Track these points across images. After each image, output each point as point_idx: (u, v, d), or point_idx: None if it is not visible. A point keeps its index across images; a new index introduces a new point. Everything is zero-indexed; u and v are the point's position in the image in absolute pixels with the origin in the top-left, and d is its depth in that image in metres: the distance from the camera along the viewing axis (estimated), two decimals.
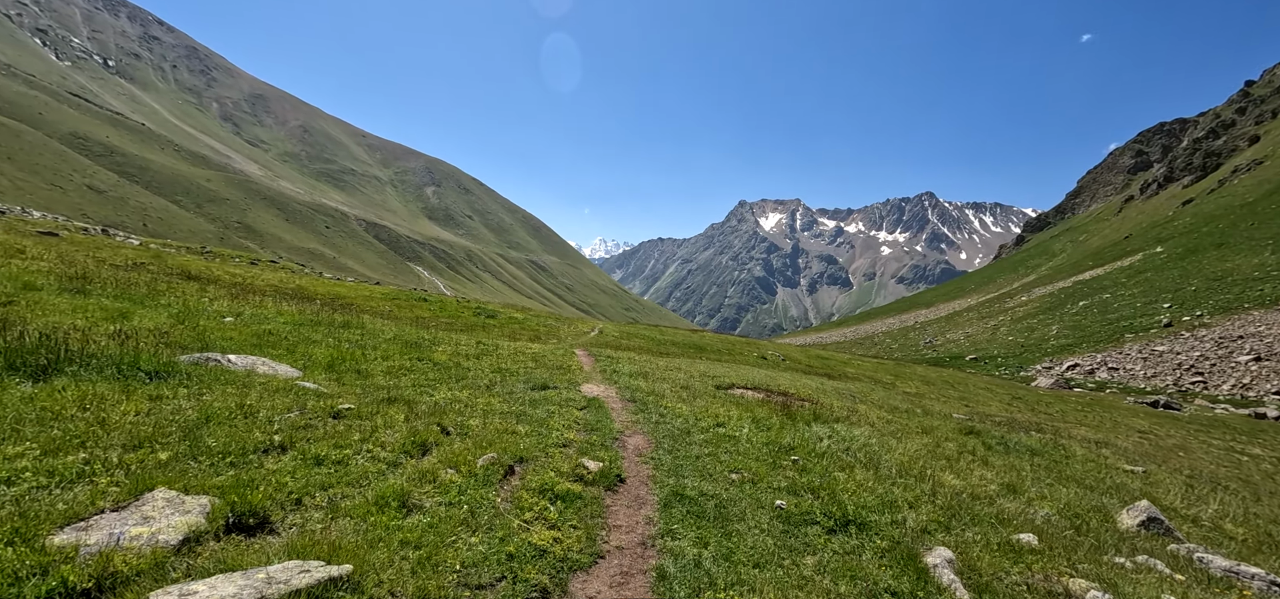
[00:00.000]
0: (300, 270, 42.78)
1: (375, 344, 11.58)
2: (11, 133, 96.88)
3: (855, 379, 22.76)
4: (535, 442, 7.11)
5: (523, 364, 12.71)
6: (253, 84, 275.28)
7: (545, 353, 15.27)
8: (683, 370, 15.74)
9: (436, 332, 16.32)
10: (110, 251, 21.41)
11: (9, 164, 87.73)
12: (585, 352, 17.93)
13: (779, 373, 20.49)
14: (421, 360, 10.76)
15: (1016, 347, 55.96)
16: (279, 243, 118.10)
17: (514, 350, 14.61)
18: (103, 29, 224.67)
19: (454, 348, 13.02)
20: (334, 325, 13.33)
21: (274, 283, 23.35)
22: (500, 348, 14.58)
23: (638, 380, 12.86)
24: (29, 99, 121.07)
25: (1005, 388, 28.36)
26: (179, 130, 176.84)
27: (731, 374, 16.61)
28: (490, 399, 8.86)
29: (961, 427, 13.05)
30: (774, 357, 28.46)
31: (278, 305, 15.52)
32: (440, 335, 15.00)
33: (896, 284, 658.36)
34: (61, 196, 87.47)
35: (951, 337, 72.11)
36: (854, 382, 21.41)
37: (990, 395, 22.78)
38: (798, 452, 8.18)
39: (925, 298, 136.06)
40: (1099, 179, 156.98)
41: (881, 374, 27.08)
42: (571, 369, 13.36)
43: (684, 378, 14.29)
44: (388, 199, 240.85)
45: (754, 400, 12.38)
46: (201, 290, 15.86)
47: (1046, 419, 17.58)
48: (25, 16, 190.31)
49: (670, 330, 38.17)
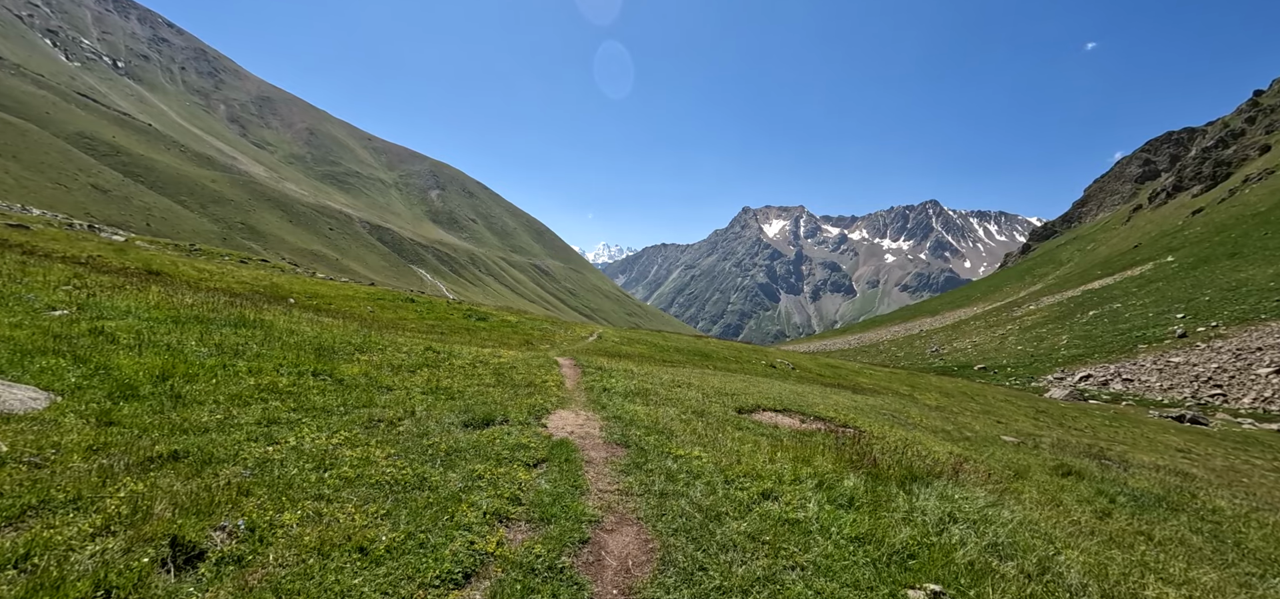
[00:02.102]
0: (291, 270, 42.35)
1: (262, 351, 8.80)
2: (18, 132, 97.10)
3: (872, 390, 21.91)
4: (380, 584, 3.76)
5: (475, 381, 9.97)
6: (260, 86, 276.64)
7: (517, 363, 12.71)
8: (693, 387, 13.43)
9: (384, 334, 13.97)
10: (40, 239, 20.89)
11: (14, 162, 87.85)
12: (572, 362, 15.42)
13: (802, 387, 18.66)
14: (319, 375, 8.12)
15: (1026, 356, 55.04)
16: (282, 244, 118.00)
17: (472, 360, 12.09)
18: (113, 30, 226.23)
19: (386, 357, 10.45)
20: (222, 324, 10.29)
21: (245, 281, 22.74)
22: (455, 357, 11.99)
23: (633, 404, 10.27)
24: (37, 99, 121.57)
25: (1024, 400, 27.51)
26: (186, 131, 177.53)
27: (750, 391, 14.50)
28: (374, 450, 5.84)
29: (1052, 466, 10.57)
30: (784, 365, 27.72)
31: (167, 297, 12.07)
32: (381, 340, 12.37)
33: (900, 292, 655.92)
34: (65, 195, 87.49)
35: (958, 345, 71.17)
36: (874, 395, 20.25)
37: (1013, 409, 21.94)
38: (924, 564, 5.13)
39: (930, 306, 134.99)
40: (1106, 188, 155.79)
41: (897, 384, 26.26)
42: (545, 387, 10.63)
43: (696, 397, 11.90)
44: (392, 202, 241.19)
45: (792, 431, 10.14)
46: (73, 277, 12.47)
47: (1095, 440, 16.30)
48: (36, 17, 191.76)
49: (674, 336, 37.44)
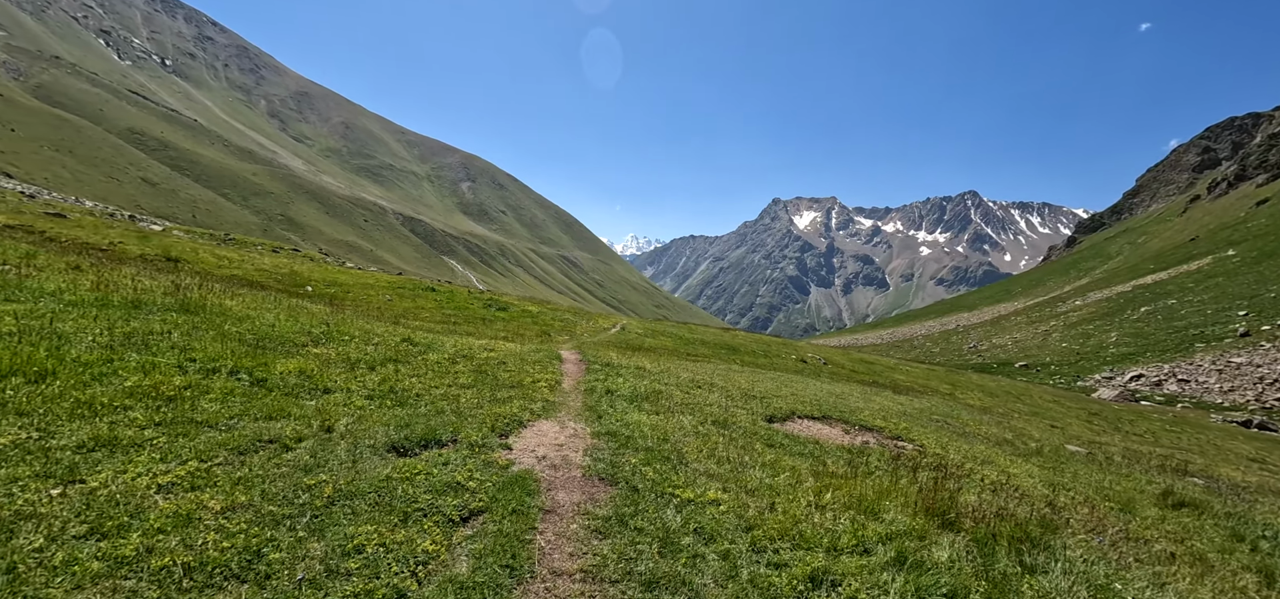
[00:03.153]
0: (321, 260, 43.03)
1: (181, 343, 7.52)
2: (74, 128, 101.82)
3: (911, 389, 20.79)
4: None
5: (446, 382, 8.71)
6: (299, 82, 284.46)
7: (509, 359, 11.23)
8: (716, 388, 11.73)
9: (363, 323, 12.58)
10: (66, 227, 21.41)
11: (70, 157, 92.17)
12: (577, 357, 13.62)
13: (839, 387, 17.12)
14: (237, 374, 6.85)
15: (1071, 354, 52.56)
16: (320, 235, 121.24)
17: (453, 354, 10.65)
18: (161, 30, 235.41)
19: (345, 351, 9.17)
20: (154, 311, 8.82)
21: (265, 269, 22.88)
22: (433, 351, 10.60)
23: (638, 413, 8.60)
24: (91, 96, 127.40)
25: (1073, 401, 25.98)
26: (229, 126, 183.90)
27: (782, 393, 12.73)
28: (212, 497, 4.30)
29: (1156, 493, 9.00)
30: (815, 360, 26.81)
31: (105, 280, 10.32)
32: (350, 330, 10.89)
33: (936, 286, 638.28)
34: (117, 188, 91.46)
35: (998, 342, 68.52)
36: (916, 395, 18.90)
37: (1063, 411, 20.62)
38: None
39: (968, 300, 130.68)
40: (1160, 178, 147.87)
41: (935, 382, 25.08)
42: (532, 389, 9.20)
43: (718, 402, 10.23)
44: (424, 194, 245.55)
45: (838, 447, 8.45)
46: (23, 259, 11.33)
47: (1163, 448, 14.77)
48: (91, 18, 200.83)
49: (700, 329, 36.75)
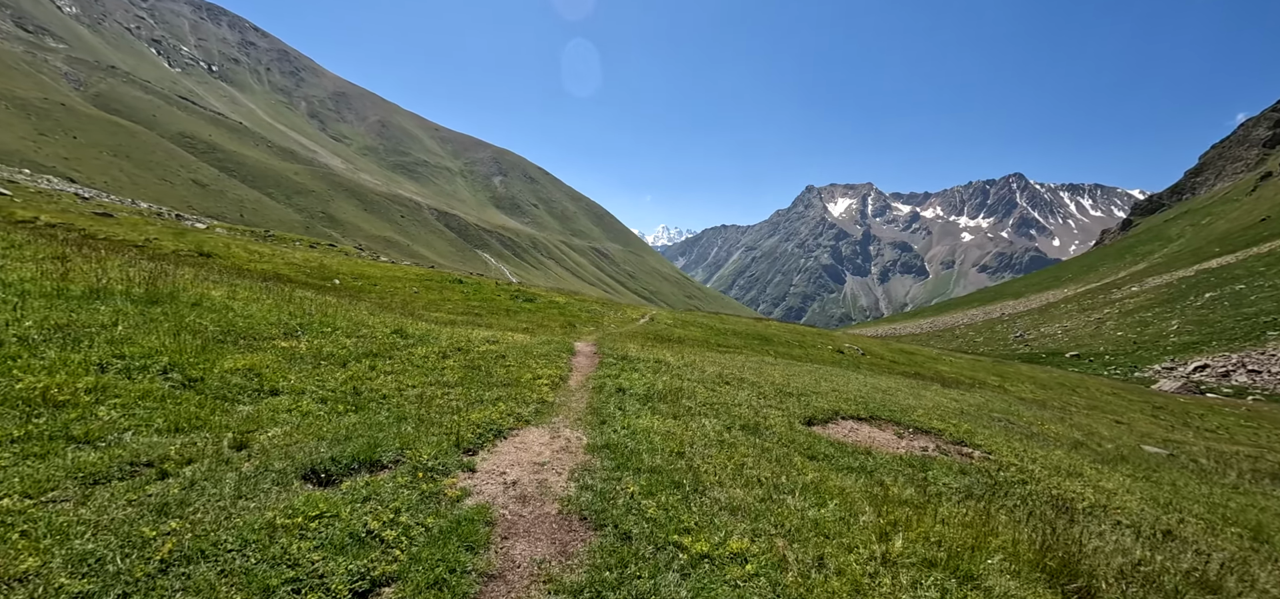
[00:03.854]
0: (355, 254, 43.98)
1: (124, 334, 6.86)
2: (129, 133, 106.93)
3: (958, 382, 19.65)
4: None
5: (428, 379, 7.87)
6: (337, 83, 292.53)
7: (510, 352, 10.28)
8: (747, 384, 10.50)
9: (346, 313, 11.53)
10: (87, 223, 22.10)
11: (127, 161, 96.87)
12: (592, 349, 12.56)
13: (883, 381, 15.86)
14: (168, 373, 6.11)
15: (1127, 343, 49.65)
16: (358, 231, 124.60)
17: (447, 347, 9.83)
18: (207, 37, 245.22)
19: (320, 344, 8.41)
20: (115, 299, 8.14)
21: (295, 263, 23.35)
22: (424, 344, 9.76)
23: (650, 417, 7.40)
24: (144, 103, 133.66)
25: (1134, 393, 24.27)
26: (272, 128, 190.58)
27: (822, 389, 11.43)
28: None
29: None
30: (852, 350, 25.84)
31: (71, 271, 9.20)
32: (335, 320, 10.16)
33: (978, 273, 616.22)
34: (170, 190, 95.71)
35: (1047, 331, 65.40)
36: (967, 389, 17.45)
37: (1125, 404, 19.19)
38: None
39: (1013, 288, 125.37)
40: (1226, 154, 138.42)
41: (981, 373, 23.81)
42: (528, 388, 8.27)
43: (748, 401, 9.00)
44: (458, 189, 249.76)
45: (894, 457, 7.25)
46: None
47: (1244, 447, 13.14)
48: (143, 28, 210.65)
49: (732, 319, 36.03)
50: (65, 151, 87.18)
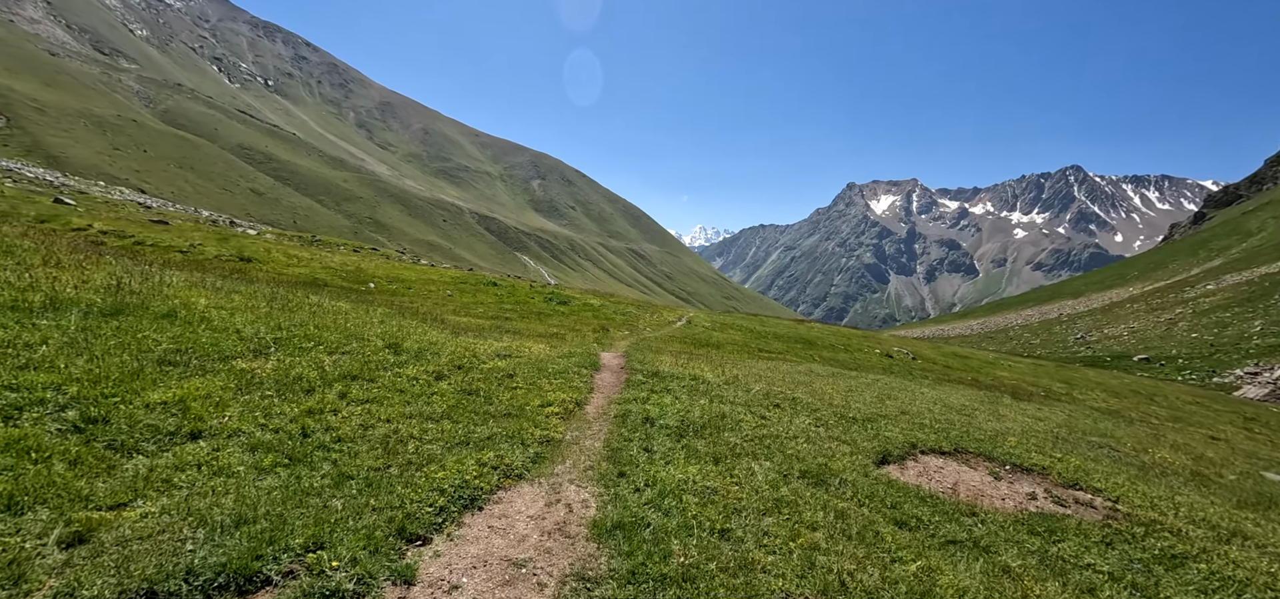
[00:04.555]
0: (397, 258, 45.10)
1: (23, 362, 5.87)
2: (192, 146, 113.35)
3: (1026, 394, 18.02)
4: None
5: (402, 411, 6.65)
6: (383, 93, 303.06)
7: (521, 369, 9.14)
8: (801, 406, 9.04)
9: (339, 324, 10.27)
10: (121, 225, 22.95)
11: (191, 173, 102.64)
12: (621, 361, 11.45)
13: (951, 395, 14.25)
14: (63, 414, 5.13)
15: (1203, 346, 46.12)
16: (403, 236, 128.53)
17: (447, 362, 8.72)
18: (263, 54, 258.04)
19: (294, 363, 7.42)
20: (74, 311, 7.52)
21: (332, 267, 23.65)
22: (415, 363, 8.50)
23: (684, 464, 6.01)
24: (207, 117, 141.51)
25: (1219, 403, 22.20)
26: (322, 138, 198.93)
27: (887, 409, 9.97)
28: None
29: None
30: (902, 355, 24.69)
31: (36, 283, 8.50)
32: (321, 333, 9.07)
33: (1033, 271, 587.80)
34: (230, 199, 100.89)
35: (1111, 332, 61.53)
36: (1034, 402, 15.51)
37: (1209, 414, 17.46)
38: None
39: (1072, 286, 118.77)
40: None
41: (1044, 379, 22.27)
42: (534, 422, 6.98)
43: (804, 432, 7.66)
44: (497, 193, 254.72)
45: (1014, 521, 5.90)
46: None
47: None
48: (205, 47, 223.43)
49: (772, 321, 35.14)
50: (136, 165, 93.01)
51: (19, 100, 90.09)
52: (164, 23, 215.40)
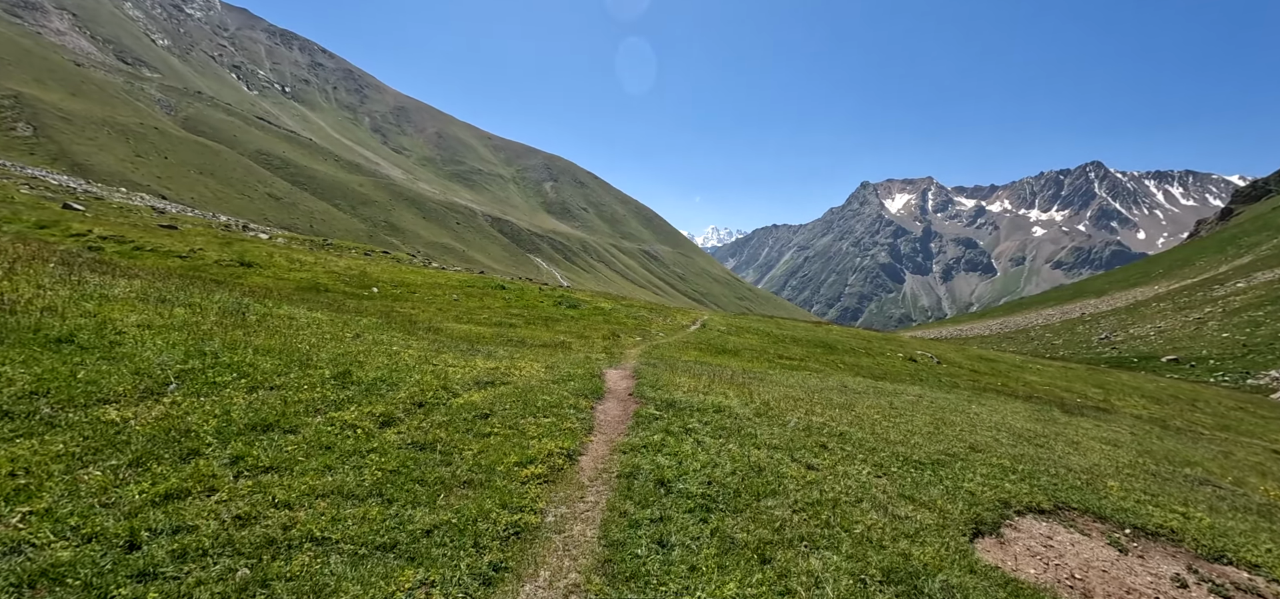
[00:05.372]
0: (409, 261, 45.15)
1: None
2: (212, 152, 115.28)
3: (1074, 406, 17.06)
4: None
5: (308, 494, 4.75)
6: (397, 98, 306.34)
7: (502, 402, 7.65)
8: (851, 445, 7.73)
9: (291, 346, 8.83)
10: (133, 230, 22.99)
11: (211, 178, 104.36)
12: (629, 382, 10.20)
13: (996, 411, 12.86)
14: None
15: (1236, 346, 44.71)
16: (417, 239, 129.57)
17: (407, 398, 7.19)
18: (281, 61, 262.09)
19: (185, 412, 5.71)
20: None
21: (335, 271, 22.94)
22: (363, 403, 6.85)
23: (715, 563, 4.47)
24: (227, 124, 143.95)
25: (1264, 408, 21.19)
26: (339, 143, 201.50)
27: (954, 443, 8.68)
28: None
29: None
30: (925, 358, 24.05)
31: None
32: (258, 359, 7.63)
33: (1052, 269, 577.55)
34: (248, 204, 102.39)
35: (1137, 332, 59.99)
36: (1089, 416, 14.08)
37: (1257, 421, 16.61)
38: None
39: (1095, 285, 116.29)
40: None
41: (1077, 384, 21.47)
42: (504, 493, 5.27)
43: (866, 488, 6.32)
44: (511, 195, 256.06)
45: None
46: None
47: None
48: (224, 56, 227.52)
49: (789, 323, 34.60)
50: (158, 171, 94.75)
51: (46, 110, 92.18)
52: (185, 32, 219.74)
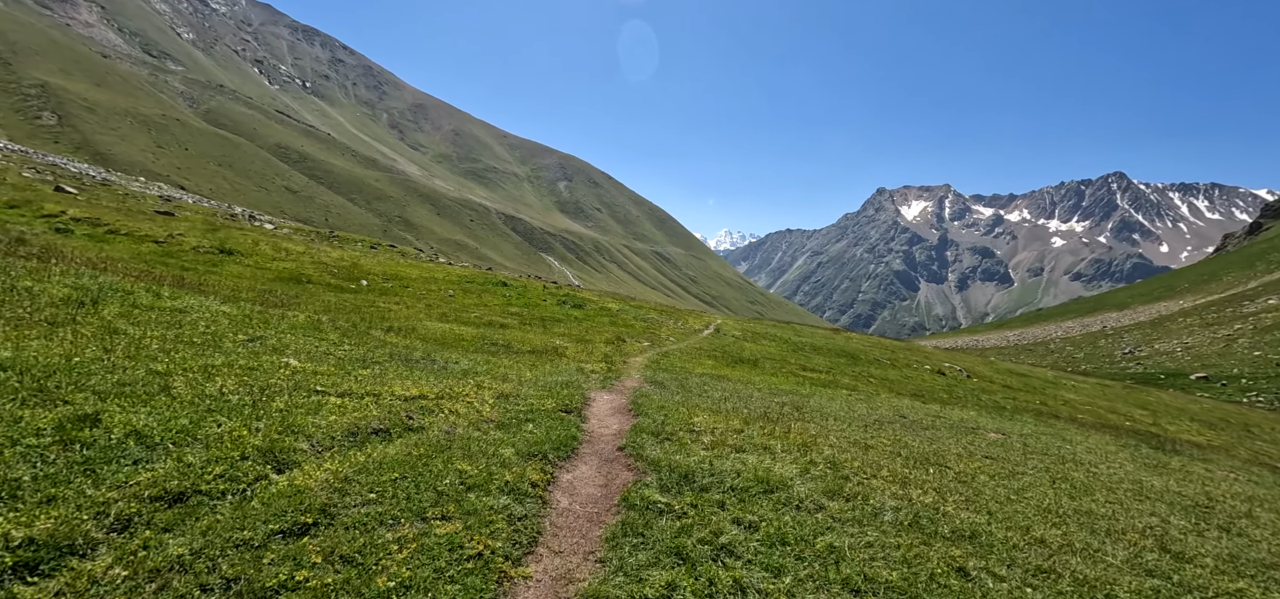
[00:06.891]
0: (417, 256, 44.97)
1: None
2: (232, 145, 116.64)
3: (1098, 421, 16.37)
4: None
5: None
6: (415, 95, 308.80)
7: (381, 465, 4.84)
8: (1007, 551, 5.09)
9: (216, 372, 6.81)
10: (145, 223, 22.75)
11: (230, 171, 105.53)
12: (624, 419, 7.66)
13: (1108, 459, 10.19)
14: None
15: (1269, 365, 43.14)
16: (431, 235, 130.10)
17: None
18: (302, 57, 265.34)
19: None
20: None
21: (325, 263, 22.39)
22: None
23: None
24: (247, 118, 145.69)
25: None
26: (357, 138, 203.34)
27: (1034, 498, 6.73)
28: None
29: None
30: (953, 371, 23.02)
31: None
32: (149, 387, 5.84)
33: (1071, 281, 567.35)
34: (266, 197, 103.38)
35: (1163, 347, 58.27)
36: (1160, 449, 11.97)
37: None
38: None
39: (1116, 298, 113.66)
40: None
41: (1120, 405, 20.38)
42: None
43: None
44: (525, 194, 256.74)
45: None
46: None
47: None
48: (247, 50, 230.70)
49: (806, 331, 33.71)
50: (178, 162, 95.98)
51: (71, 99, 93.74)
52: (209, 27, 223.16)
